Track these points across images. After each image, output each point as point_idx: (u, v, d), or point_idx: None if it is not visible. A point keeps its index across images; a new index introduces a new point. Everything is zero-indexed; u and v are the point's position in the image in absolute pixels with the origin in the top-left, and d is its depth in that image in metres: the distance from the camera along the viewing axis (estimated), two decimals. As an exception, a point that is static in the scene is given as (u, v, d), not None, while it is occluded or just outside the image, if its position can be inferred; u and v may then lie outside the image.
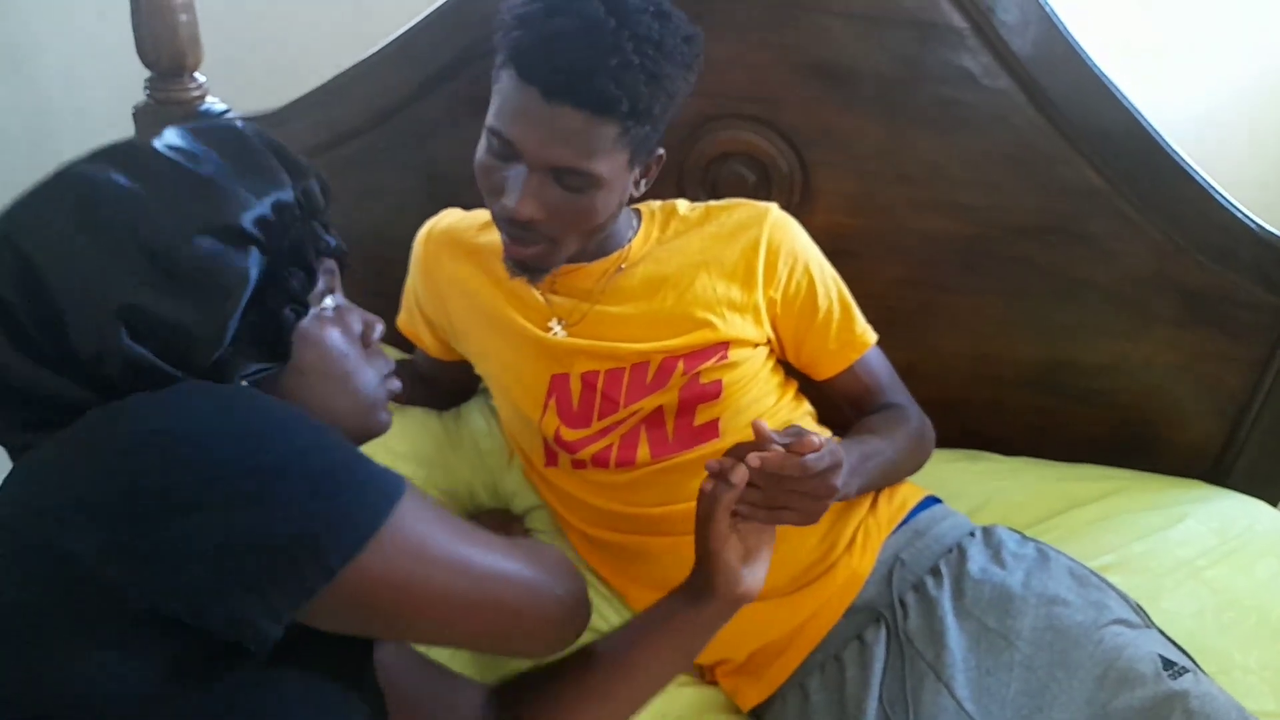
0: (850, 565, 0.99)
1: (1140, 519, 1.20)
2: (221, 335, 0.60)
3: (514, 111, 0.86)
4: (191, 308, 0.58)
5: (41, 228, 0.58)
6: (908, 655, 0.93)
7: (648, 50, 0.85)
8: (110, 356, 0.57)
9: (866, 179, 1.26)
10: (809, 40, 1.19)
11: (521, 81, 0.85)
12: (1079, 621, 0.91)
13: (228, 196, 0.61)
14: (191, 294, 0.59)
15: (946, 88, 1.20)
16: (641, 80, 0.85)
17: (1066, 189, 1.23)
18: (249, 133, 0.66)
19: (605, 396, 1.01)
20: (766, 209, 1.06)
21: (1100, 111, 1.18)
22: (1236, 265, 1.24)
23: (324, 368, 0.67)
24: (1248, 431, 1.33)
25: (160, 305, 0.57)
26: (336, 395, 0.68)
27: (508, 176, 0.89)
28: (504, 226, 0.93)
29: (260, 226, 0.62)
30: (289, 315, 0.64)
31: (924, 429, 1.11)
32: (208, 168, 0.62)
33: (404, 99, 1.28)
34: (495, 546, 0.65)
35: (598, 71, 0.82)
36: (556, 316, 1.03)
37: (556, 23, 0.83)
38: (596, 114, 0.85)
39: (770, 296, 1.04)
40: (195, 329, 0.59)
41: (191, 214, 0.60)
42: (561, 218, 0.90)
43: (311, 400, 0.66)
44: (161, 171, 0.61)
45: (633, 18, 0.85)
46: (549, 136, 0.85)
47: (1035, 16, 1.14)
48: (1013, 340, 1.34)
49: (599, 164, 0.88)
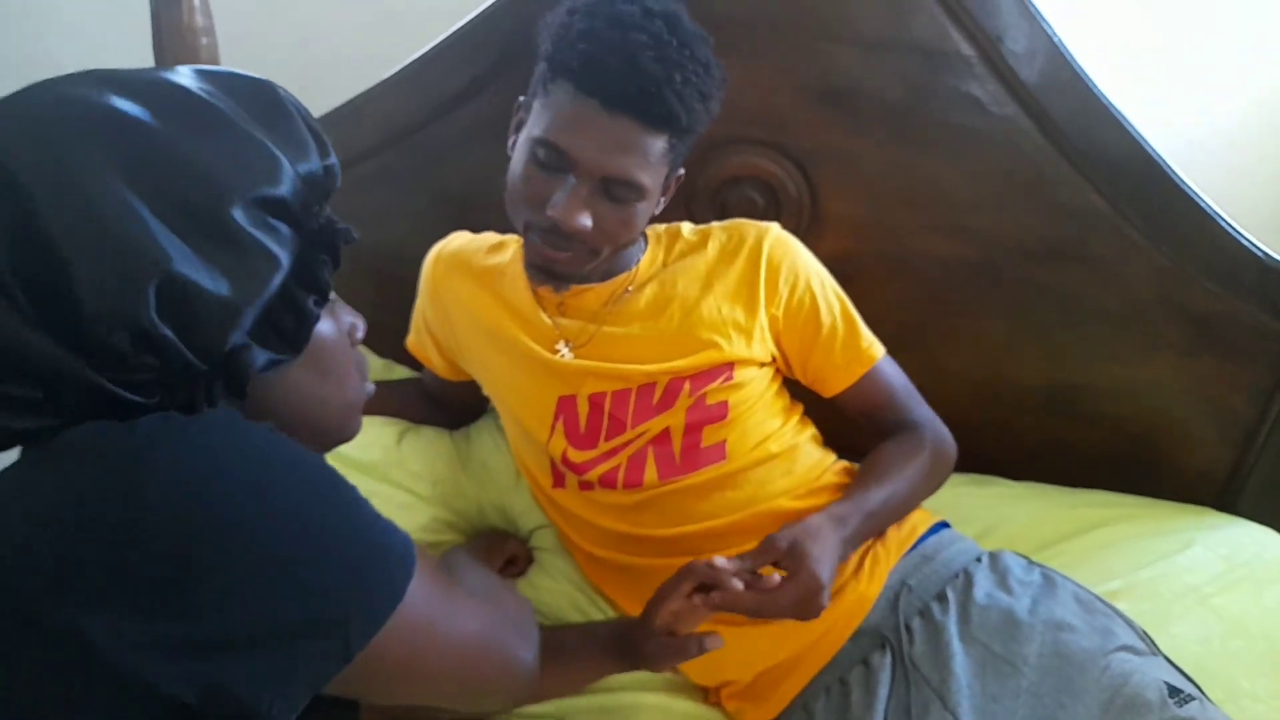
0: (858, 590, 0.99)
1: (1148, 545, 1.20)
2: (243, 320, 0.54)
3: (570, 121, 0.89)
4: (224, 284, 0.52)
5: (47, 153, 0.49)
6: (913, 680, 0.93)
7: (700, 71, 0.91)
8: (121, 326, 0.49)
9: (874, 203, 1.27)
10: (818, 66, 1.21)
11: (581, 94, 0.88)
12: (1085, 648, 0.91)
13: (271, 159, 0.54)
14: (226, 268, 0.52)
15: (954, 114, 1.21)
16: (696, 98, 0.91)
17: (1072, 213, 1.24)
18: (279, 90, 0.59)
19: (612, 418, 1.02)
20: (767, 228, 1.07)
21: (1105, 138, 1.19)
22: (1242, 291, 1.24)
23: (320, 363, 0.63)
24: (1256, 458, 1.33)
25: (200, 278, 0.50)
26: (327, 391, 0.64)
27: (555, 187, 0.91)
28: (539, 233, 0.95)
29: (297, 200, 0.56)
30: (311, 306, 0.58)
31: (939, 450, 1.10)
32: (249, 121, 0.55)
33: (417, 122, 1.30)
34: (481, 614, 0.67)
35: (664, 86, 0.87)
36: (564, 338, 1.04)
37: (629, 39, 0.87)
38: (653, 126, 0.89)
39: (773, 314, 1.05)
40: (224, 306, 0.52)
41: (234, 176, 0.53)
42: (604, 228, 0.93)
43: (304, 395, 0.62)
44: (201, 117, 0.53)
45: (691, 40, 0.90)
46: (606, 145, 0.89)
47: (1042, 45, 1.15)
48: (1020, 363, 1.35)
49: (647, 175, 0.92)
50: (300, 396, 0.62)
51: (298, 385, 0.61)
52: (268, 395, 0.60)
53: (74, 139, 0.49)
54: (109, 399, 0.51)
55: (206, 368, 0.53)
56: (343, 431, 0.69)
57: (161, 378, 0.52)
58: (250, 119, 0.55)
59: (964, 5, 1.14)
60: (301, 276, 0.57)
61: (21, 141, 0.49)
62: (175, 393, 0.53)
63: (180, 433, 0.51)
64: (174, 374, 0.52)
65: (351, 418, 0.69)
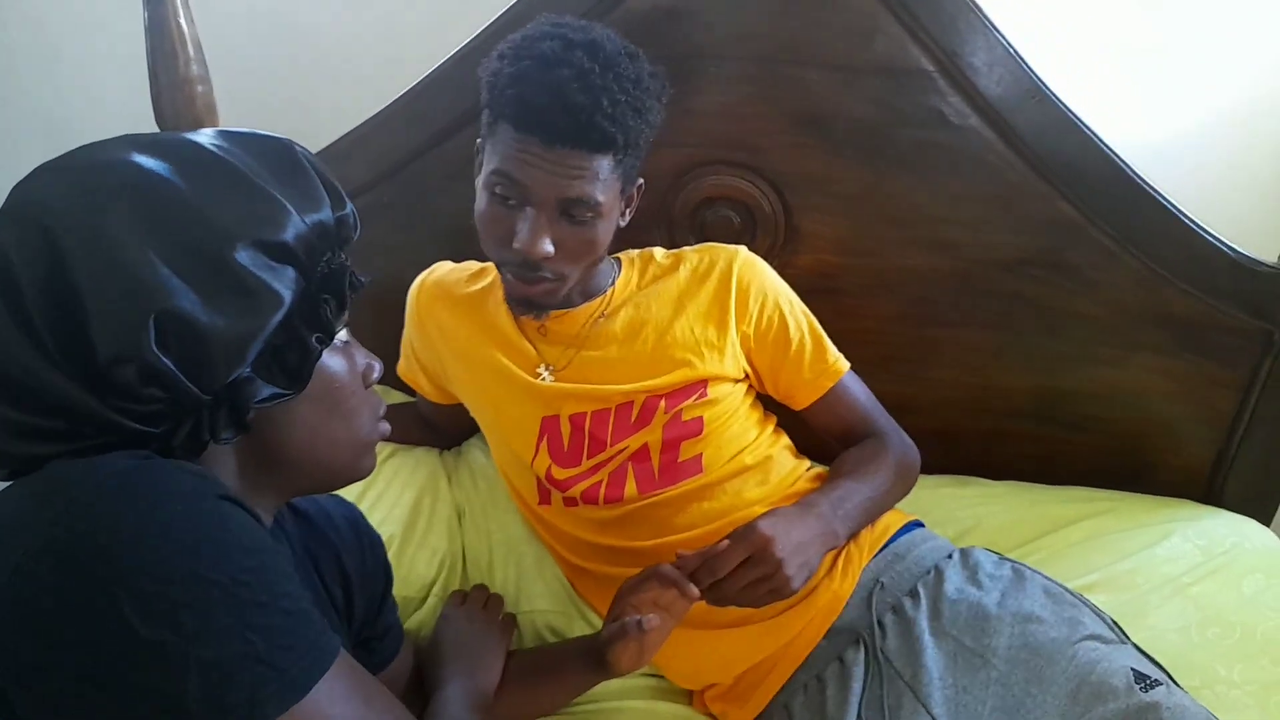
0: (831, 588, 1.03)
1: (1127, 538, 1.23)
2: (246, 353, 0.57)
3: (517, 157, 0.93)
4: (226, 320, 0.56)
5: (77, 213, 0.55)
6: (886, 675, 0.96)
7: (629, 88, 0.94)
8: (129, 361, 0.54)
9: (850, 220, 1.31)
10: (789, 91, 1.25)
11: (521, 133, 0.92)
12: (1053, 638, 0.94)
13: (277, 209, 0.59)
14: (229, 305, 0.56)
15: (922, 130, 1.25)
16: (630, 116, 0.94)
17: (1043, 223, 1.27)
18: (297, 148, 0.65)
19: (593, 436, 1.06)
20: (735, 250, 1.12)
21: (1069, 146, 1.22)
22: (1217, 291, 1.27)
23: (330, 400, 0.66)
24: (1236, 452, 1.35)
25: (197, 312, 0.55)
26: (336, 430, 0.67)
27: (516, 221, 0.95)
28: (512, 269, 1.00)
29: (301, 247, 0.60)
30: (314, 343, 0.62)
31: (905, 456, 1.14)
32: (261, 175, 0.60)
33: (407, 157, 1.35)
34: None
35: (594, 113, 0.91)
36: (545, 362, 1.09)
37: (552, 76, 0.91)
38: (595, 151, 0.93)
39: (744, 332, 1.09)
40: (225, 343, 0.56)
41: (240, 221, 0.57)
42: (568, 251, 0.98)
43: (311, 432, 0.65)
44: (215, 172, 0.59)
45: (613, 61, 0.94)
46: (554, 173, 0.93)
47: (1000, 57, 1.20)
48: (1004, 371, 1.38)
49: (600, 192, 0.96)
50: (310, 433, 0.65)
51: (307, 422, 0.65)
52: (276, 431, 0.64)
53: (104, 197, 0.56)
54: (122, 429, 0.56)
55: (210, 399, 0.58)
56: (354, 470, 0.71)
57: (169, 409, 0.57)
58: (263, 173, 0.60)
59: (920, 22, 1.18)
60: (306, 315, 0.61)
61: (60, 201, 0.56)
62: (182, 423, 0.58)
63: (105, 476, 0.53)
64: (180, 405, 0.57)
65: (362, 457, 0.71)
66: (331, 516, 0.84)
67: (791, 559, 0.90)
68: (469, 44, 1.28)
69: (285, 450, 0.65)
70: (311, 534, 0.81)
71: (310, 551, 0.80)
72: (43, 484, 0.54)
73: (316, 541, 0.81)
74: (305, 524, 0.81)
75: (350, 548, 0.84)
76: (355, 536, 0.86)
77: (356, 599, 0.84)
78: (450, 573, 1.21)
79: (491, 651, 1.02)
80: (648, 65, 0.99)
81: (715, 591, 0.90)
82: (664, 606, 0.89)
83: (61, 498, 0.52)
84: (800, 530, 0.93)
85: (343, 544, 0.84)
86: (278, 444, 0.65)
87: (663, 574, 0.89)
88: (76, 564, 0.50)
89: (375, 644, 0.90)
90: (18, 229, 0.55)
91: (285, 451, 0.65)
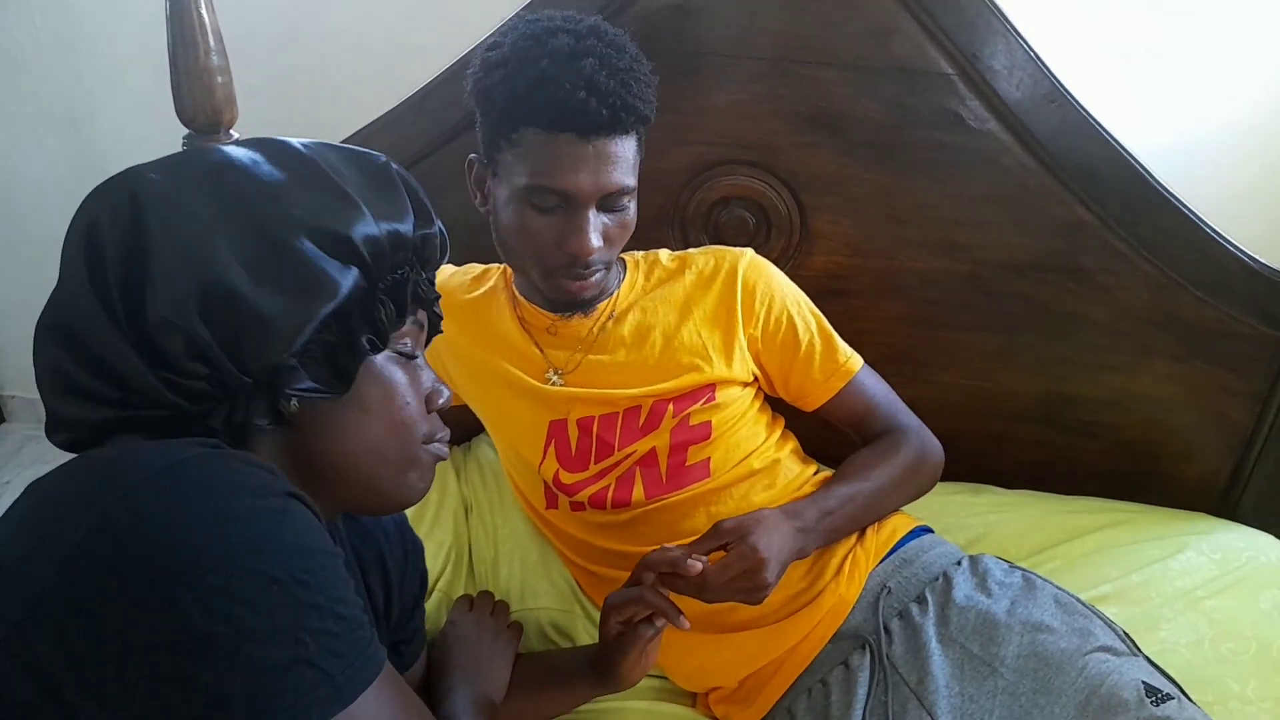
0: (837, 592, 1.02)
1: (1140, 550, 1.21)
2: (292, 339, 0.58)
3: (554, 162, 0.91)
4: (276, 301, 0.57)
5: (165, 185, 0.59)
6: (891, 680, 0.95)
7: (641, 66, 0.95)
8: (175, 330, 0.55)
9: (863, 221, 1.31)
10: (804, 90, 1.25)
11: (554, 133, 0.91)
12: (1063, 648, 0.93)
13: (350, 208, 0.61)
14: (282, 288, 0.57)
15: (937, 132, 1.24)
16: (649, 90, 0.95)
17: (1058, 226, 1.26)
18: (392, 165, 0.67)
19: (601, 440, 1.05)
20: (740, 253, 1.10)
21: (1087, 150, 1.21)
22: (1232, 299, 1.26)
23: (384, 409, 0.65)
24: (1254, 465, 1.33)
25: (248, 288, 0.56)
26: (386, 443, 0.66)
27: (560, 225, 0.94)
28: (562, 272, 0.98)
29: (370, 248, 0.61)
30: (364, 344, 0.62)
31: (923, 453, 1.12)
32: (344, 179, 0.62)
33: (419, 152, 1.35)
34: None
35: (626, 95, 0.91)
36: (552, 366, 1.08)
37: (577, 68, 0.89)
38: (626, 132, 0.93)
39: (751, 334, 1.08)
40: (271, 324, 0.57)
41: (311, 212, 0.59)
42: (611, 240, 0.98)
43: (360, 443, 0.64)
44: (297, 167, 0.62)
45: (619, 42, 0.94)
46: (596, 169, 0.92)
47: (1021, 60, 1.19)
48: (1013, 375, 1.37)
49: (633, 176, 0.97)
50: (356, 443, 0.64)
51: (355, 430, 0.64)
52: (324, 436, 0.63)
53: (191, 174, 0.60)
54: (164, 401, 0.57)
55: (250, 382, 0.58)
56: (402, 488, 0.69)
57: (212, 387, 0.58)
58: (348, 177, 0.63)
59: (940, 24, 1.18)
60: (362, 315, 0.62)
61: (154, 174, 0.60)
62: (221, 404, 0.59)
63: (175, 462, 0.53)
64: (222, 384, 0.58)
65: (408, 472, 0.68)
66: (380, 518, 0.83)
67: (773, 573, 0.89)
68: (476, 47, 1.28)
69: (332, 457, 0.64)
70: (360, 534, 0.80)
71: (357, 552, 0.80)
72: (109, 462, 0.54)
73: (363, 541, 0.80)
74: (354, 523, 0.80)
75: (395, 552, 0.84)
76: (400, 540, 0.86)
77: (394, 602, 0.84)
78: (455, 567, 1.20)
79: (498, 659, 1.01)
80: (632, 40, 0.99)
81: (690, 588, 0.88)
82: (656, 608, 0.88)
83: (128, 477, 0.51)
84: (780, 542, 0.91)
85: (389, 547, 0.83)
86: (325, 450, 0.63)
87: (647, 598, 0.87)
88: (138, 547, 0.49)
89: (403, 647, 0.90)
90: (113, 195, 0.59)
91: (332, 458, 0.64)
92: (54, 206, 2.12)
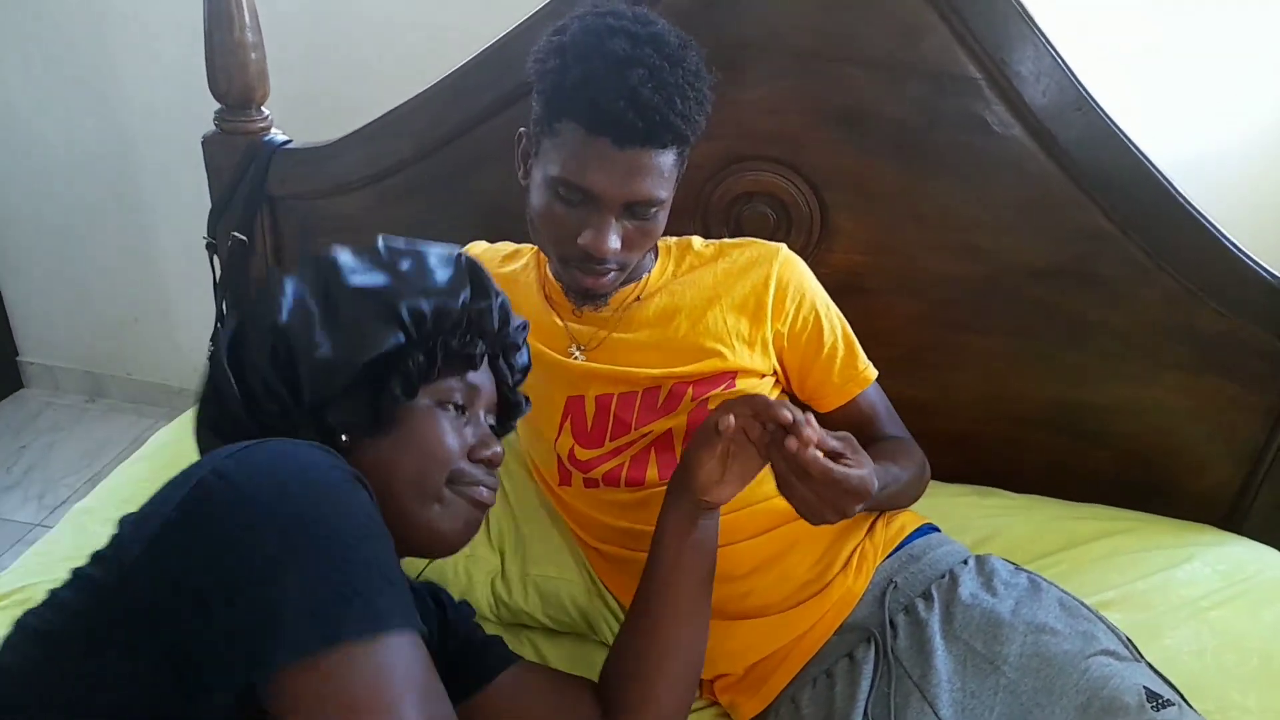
0: (845, 584, 1.03)
1: (1146, 558, 1.22)
2: (333, 381, 0.70)
3: (586, 161, 0.92)
4: (328, 344, 0.70)
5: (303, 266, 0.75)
6: (895, 674, 0.96)
7: (694, 82, 0.94)
8: (257, 374, 0.70)
9: (883, 220, 1.31)
10: (831, 88, 1.26)
11: (591, 134, 0.91)
12: (1065, 650, 0.94)
13: (403, 287, 0.73)
14: (333, 337, 0.71)
15: (962, 135, 1.25)
16: (697, 111, 0.94)
17: (1079, 235, 1.27)
18: (461, 255, 0.79)
19: (618, 419, 1.07)
20: (777, 248, 1.11)
21: (1111, 160, 1.22)
22: (1249, 312, 1.26)
23: (417, 446, 0.74)
24: (1262, 479, 1.34)
25: (305, 335, 0.70)
26: (414, 475, 0.73)
27: (582, 219, 0.95)
28: (576, 263, 0.99)
29: (413, 317, 0.73)
30: (395, 389, 0.72)
31: (924, 462, 1.15)
32: (407, 264, 0.75)
33: (451, 134, 1.37)
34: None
35: (669, 113, 0.90)
36: (576, 342, 1.09)
37: (625, 77, 0.88)
38: (663, 147, 0.93)
39: (778, 330, 1.09)
40: (321, 366, 0.70)
41: (370, 286, 0.73)
42: (631, 244, 0.98)
43: (395, 470, 0.73)
44: (376, 257, 0.76)
45: (679, 56, 0.93)
46: (625, 177, 0.92)
47: (1048, 68, 1.19)
48: (1026, 379, 1.37)
49: (664, 189, 0.96)
50: (389, 473, 0.72)
51: (391, 463, 0.73)
52: (366, 463, 0.70)
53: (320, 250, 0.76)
54: (249, 431, 0.70)
55: (307, 416, 0.71)
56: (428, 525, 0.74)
57: (279, 421, 0.70)
58: (419, 265, 0.76)
59: (970, 28, 1.18)
60: (396, 365, 0.72)
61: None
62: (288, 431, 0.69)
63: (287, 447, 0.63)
64: (287, 418, 0.70)
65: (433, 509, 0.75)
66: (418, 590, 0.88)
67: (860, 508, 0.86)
68: (515, 29, 1.29)
69: (375, 486, 0.68)
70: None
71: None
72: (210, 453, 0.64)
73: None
74: None
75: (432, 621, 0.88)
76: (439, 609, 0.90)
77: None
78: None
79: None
80: (698, 49, 0.98)
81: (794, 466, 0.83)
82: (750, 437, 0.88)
83: (224, 454, 0.61)
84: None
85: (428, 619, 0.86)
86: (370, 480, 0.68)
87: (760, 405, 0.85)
88: (214, 497, 0.58)
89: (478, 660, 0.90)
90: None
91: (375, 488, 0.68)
92: (78, 177, 2.15)
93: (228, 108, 1.41)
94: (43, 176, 2.19)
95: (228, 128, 1.42)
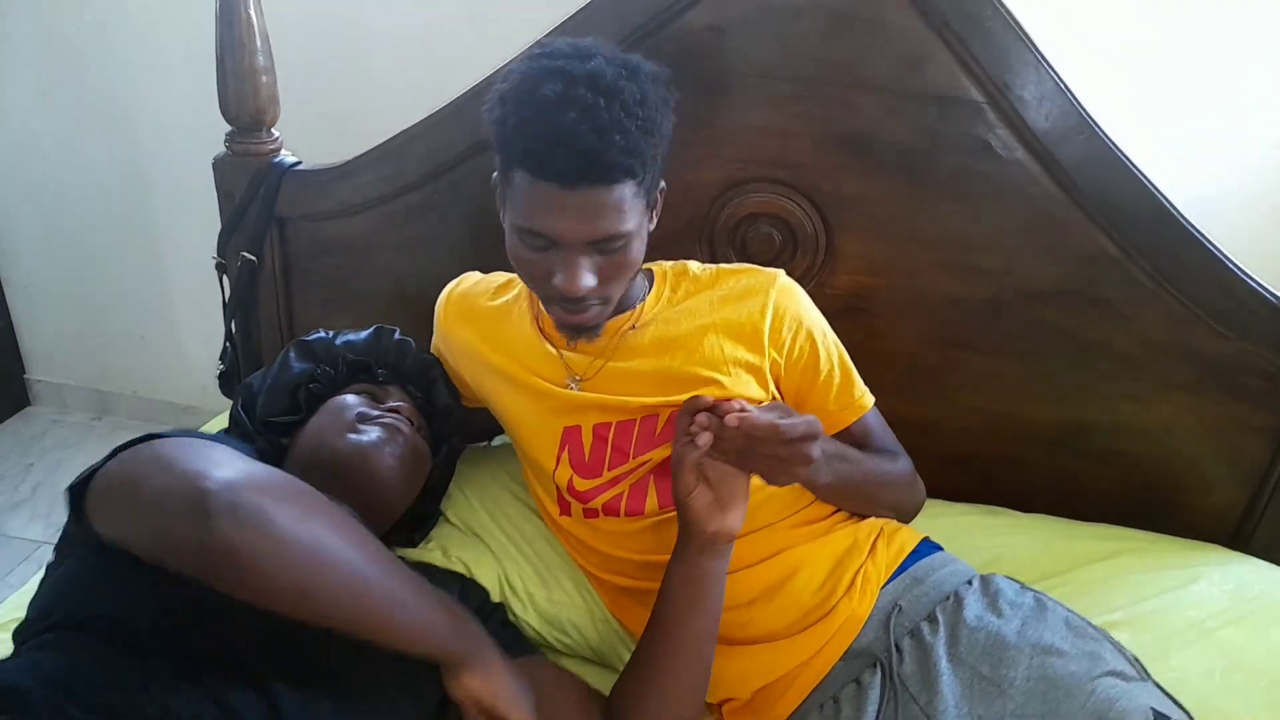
0: (850, 607, 1.03)
1: (1153, 578, 1.22)
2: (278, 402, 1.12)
3: (539, 207, 0.92)
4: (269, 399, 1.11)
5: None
6: (901, 699, 0.96)
7: (637, 112, 0.91)
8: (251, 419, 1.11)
9: (888, 242, 1.32)
10: (836, 112, 1.27)
11: (539, 180, 0.90)
12: (1072, 672, 0.94)
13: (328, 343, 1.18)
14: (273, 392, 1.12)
15: (965, 158, 1.26)
16: (640, 139, 0.91)
17: (1082, 256, 1.27)
18: (387, 331, 1.21)
19: (615, 448, 1.07)
20: (774, 275, 1.10)
21: (1114, 183, 1.22)
22: (1252, 333, 1.26)
23: (330, 409, 1.08)
24: (1268, 499, 1.34)
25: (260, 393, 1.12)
26: (333, 422, 1.05)
27: (552, 262, 0.95)
28: (557, 302, 1.00)
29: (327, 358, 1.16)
30: (305, 389, 1.12)
31: (916, 478, 1.16)
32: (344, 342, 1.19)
33: (458, 156, 1.38)
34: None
35: (608, 150, 0.88)
36: (572, 373, 1.09)
37: (558, 122, 0.87)
38: (614, 183, 0.91)
39: (774, 358, 1.08)
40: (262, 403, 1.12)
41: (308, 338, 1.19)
42: (608, 278, 0.97)
43: (322, 428, 1.05)
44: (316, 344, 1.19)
45: (616, 89, 0.90)
46: (581, 219, 0.91)
47: (1050, 91, 1.20)
48: (1030, 400, 1.38)
49: (628, 221, 0.94)
50: (321, 431, 1.05)
51: (319, 427, 1.06)
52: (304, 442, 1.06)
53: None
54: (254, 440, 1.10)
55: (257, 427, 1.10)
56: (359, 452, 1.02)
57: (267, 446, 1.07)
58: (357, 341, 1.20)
59: (973, 53, 1.19)
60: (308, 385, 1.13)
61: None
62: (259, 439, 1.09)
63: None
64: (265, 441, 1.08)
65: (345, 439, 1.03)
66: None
67: (818, 452, 0.90)
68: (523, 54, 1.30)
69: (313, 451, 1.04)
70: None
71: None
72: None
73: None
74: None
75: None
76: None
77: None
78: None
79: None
80: (650, 70, 0.95)
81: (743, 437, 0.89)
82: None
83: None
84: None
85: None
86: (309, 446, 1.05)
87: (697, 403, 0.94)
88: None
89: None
90: None
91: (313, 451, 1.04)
92: (90, 198, 2.17)
93: (238, 130, 1.43)
94: (54, 196, 2.21)
95: (238, 150, 1.44)
